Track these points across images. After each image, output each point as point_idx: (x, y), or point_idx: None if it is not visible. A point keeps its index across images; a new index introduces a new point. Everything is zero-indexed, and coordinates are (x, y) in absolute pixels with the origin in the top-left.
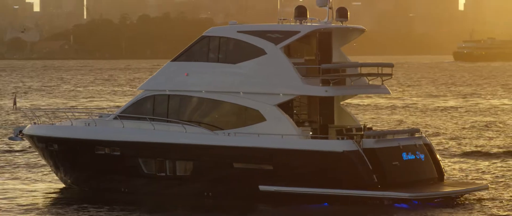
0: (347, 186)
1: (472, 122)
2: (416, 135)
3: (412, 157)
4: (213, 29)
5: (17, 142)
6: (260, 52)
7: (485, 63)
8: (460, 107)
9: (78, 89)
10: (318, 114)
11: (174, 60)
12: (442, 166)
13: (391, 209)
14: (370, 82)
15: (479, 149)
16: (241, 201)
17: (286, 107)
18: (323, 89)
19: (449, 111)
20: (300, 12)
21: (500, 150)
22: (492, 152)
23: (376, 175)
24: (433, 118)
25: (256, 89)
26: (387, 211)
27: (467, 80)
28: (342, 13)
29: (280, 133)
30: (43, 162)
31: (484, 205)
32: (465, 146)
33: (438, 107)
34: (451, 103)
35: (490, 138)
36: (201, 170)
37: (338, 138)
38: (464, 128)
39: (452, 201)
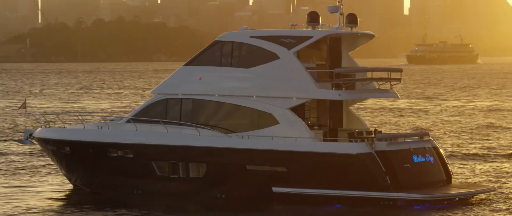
0: (361, 187)
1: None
2: (425, 138)
3: (422, 159)
4: (226, 34)
5: (27, 145)
6: (273, 56)
7: (438, 65)
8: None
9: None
10: (328, 118)
11: (187, 64)
12: (450, 169)
13: (403, 210)
14: (378, 86)
15: (480, 151)
16: (254, 203)
17: (298, 110)
18: (337, 93)
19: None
20: (313, 18)
21: (501, 151)
22: (495, 154)
23: (389, 177)
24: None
25: (269, 93)
26: (399, 213)
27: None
28: (351, 19)
29: (293, 136)
30: (53, 165)
31: (492, 207)
32: (465, 148)
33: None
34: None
35: (493, 140)
36: (214, 172)
37: (350, 141)
38: (453, 130)
39: (461, 202)
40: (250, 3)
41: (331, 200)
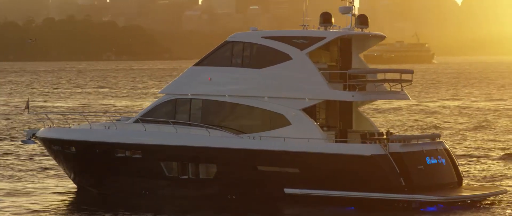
0: (375, 189)
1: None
2: (436, 140)
3: (435, 161)
4: (236, 34)
5: (30, 145)
6: (285, 57)
7: (396, 65)
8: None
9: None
10: (339, 119)
11: (197, 64)
12: (461, 171)
13: (417, 212)
14: (390, 88)
15: (486, 152)
16: (266, 205)
17: (310, 112)
18: (350, 94)
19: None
20: (326, 19)
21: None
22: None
23: (403, 179)
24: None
25: (281, 94)
26: (413, 214)
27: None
28: (362, 20)
29: (305, 137)
30: (57, 165)
31: (504, 208)
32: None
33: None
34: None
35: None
36: (225, 173)
37: (363, 142)
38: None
39: (473, 204)
40: (200, 2)
41: (344, 202)
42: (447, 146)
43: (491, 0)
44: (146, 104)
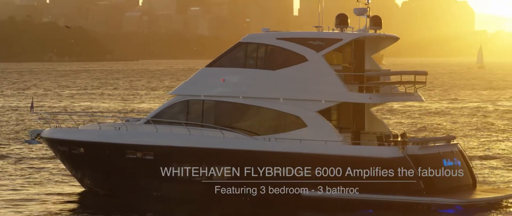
0: (394, 192)
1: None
2: (452, 142)
3: (451, 163)
4: (250, 35)
5: (34, 145)
6: (301, 59)
7: None
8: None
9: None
10: (353, 121)
11: (209, 65)
12: (475, 173)
13: (435, 214)
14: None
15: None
16: (282, 207)
17: (325, 114)
18: (367, 97)
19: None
20: (341, 20)
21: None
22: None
23: (423, 181)
24: None
25: (297, 96)
26: None
27: None
28: (376, 22)
29: (321, 139)
30: (62, 166)
31: None
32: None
33: None
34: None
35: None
36: (240, 175)
37: (380, 144)
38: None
39: (490, 206)
40: (140, 3)
41: (362, 205)
42: (461, 148)
43: (430, 2)
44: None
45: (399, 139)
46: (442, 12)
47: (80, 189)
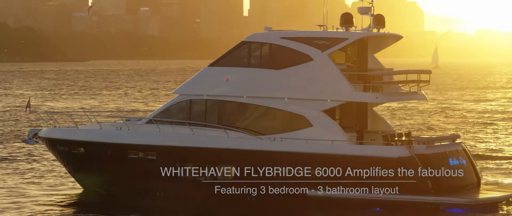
0: (402, 191)
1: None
2: (456, 141)
3: (457, 162)
4: (254, 35)
5: (31, 145)
6: (306, 58)
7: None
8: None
9: None
10: (356, 120)
11: (212, 65)
12: (479, 171)
13: (443, 214)
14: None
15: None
16: (288, 207)
17: (330, 113)
18: (374, 96)
19: None
20: (346, 19)
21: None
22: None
23: (430, 181)
24: None
25: (302, 95)
26: None
27: None
28: (379, 21)
29: (327, 138)
30: (60, 165)
31: None
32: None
33: None
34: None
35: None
36: (245, 175)
37: (386, 144)
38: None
39: (494, 206)
40: (90, 4)
41: (369, 204)
42: (465, 146)
43: (380, 2)
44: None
45: (403, 138)
46: (391, 12)
47: (79, 189)
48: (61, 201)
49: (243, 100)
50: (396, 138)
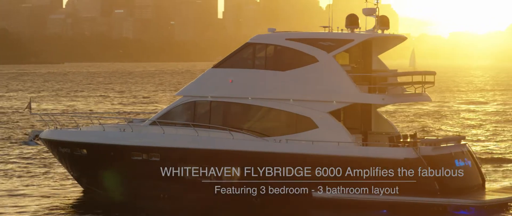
0: (409, 193)
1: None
2: (461, 142)
3: (462, 163)
4: (258, 36)
5: (32, 146)
6: (311, 59)
7: None
8: None
9: None
10: (360, 121)
11: (216, 66)
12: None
13: (449, 215)
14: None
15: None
16: (294, 208)
17: (335, 115)
18: (380, 97)
19: None
20: (352, 21)
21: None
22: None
23: (437, 182)
24: None
25: (307, 97)
26: None
27: None
28: (383, 22)
29: (333, 140)
30: (61, 166)
31: None
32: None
33: None
34: None
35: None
36: (250, 176)
37: (392, 145)
38: None
39: (501, 207)
40: (63, 6)
41: (376, 205)
42: (470, 148)
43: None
44: None
45: (408, 139)
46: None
47: (79, 190)
48: (61, 202)
49: (248, 102)
50: (401, 140)
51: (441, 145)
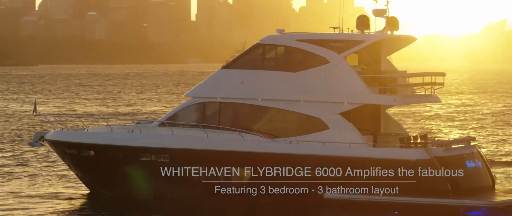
0: (421, 194)
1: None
2: (472, 143)
3: (473, 165)
4: (268, 37)
5: (36, 148)
6: (322, 61)
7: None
8: None
9: None
10: (370, 122)
11: (226, 67)
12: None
13: None
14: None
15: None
16: (305, 209)
17: (345, 116)
18: (391, 98)
19: None
20: (362, 22)
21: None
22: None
23: (450, 183)
24: None
25: (318, 98)
26: None
27: None
28: (393, 23)
29: (344, 141)
30: (67, 167)
31: None
32: None
33: None
34: None
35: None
36: (261, 177)
37: (403, 146)
38: None
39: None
40: (36, 8)
41: (387, 207)
42: (479, 149)
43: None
44: None
45: (418, 140)
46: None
47: (85, 191)
48: (66, 203)
49: (258, 103)
50: (412, 141)
51: (452, 146)
